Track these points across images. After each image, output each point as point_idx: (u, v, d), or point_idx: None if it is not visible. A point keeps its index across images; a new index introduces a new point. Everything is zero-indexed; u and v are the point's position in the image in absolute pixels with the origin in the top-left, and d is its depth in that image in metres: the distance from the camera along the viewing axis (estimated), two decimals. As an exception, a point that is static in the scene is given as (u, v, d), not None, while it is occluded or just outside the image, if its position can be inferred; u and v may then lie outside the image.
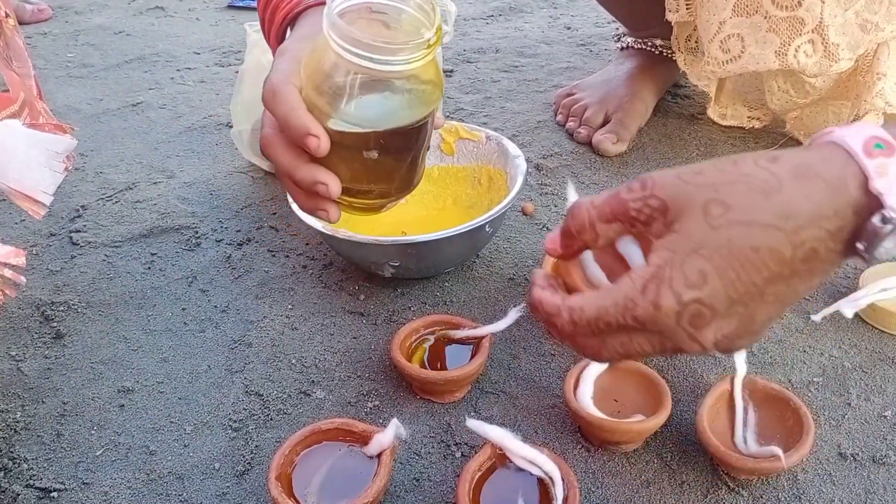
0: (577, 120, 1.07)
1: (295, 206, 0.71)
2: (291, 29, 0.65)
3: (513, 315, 0.66)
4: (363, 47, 0.49)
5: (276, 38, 0.66)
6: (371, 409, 0.65)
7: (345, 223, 0.71)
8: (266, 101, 0.54)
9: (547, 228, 0.87)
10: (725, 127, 1.05)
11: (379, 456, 0.55)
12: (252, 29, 0.91)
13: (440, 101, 0.58)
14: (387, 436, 0.55)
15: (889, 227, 0.37)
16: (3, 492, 0.58)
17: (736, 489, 0.56)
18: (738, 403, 0.59)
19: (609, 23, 1.48)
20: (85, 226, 0.91)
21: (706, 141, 1.03)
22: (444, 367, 0.65)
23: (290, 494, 0.53)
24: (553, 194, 0.94)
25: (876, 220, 0.38)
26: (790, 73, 0.89)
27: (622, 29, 1.18)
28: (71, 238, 0.89)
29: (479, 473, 0.54)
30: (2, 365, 0.71)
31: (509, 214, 0.90)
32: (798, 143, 0.99)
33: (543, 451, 0.55)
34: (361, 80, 0.52)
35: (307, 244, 0.86)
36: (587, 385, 0.61)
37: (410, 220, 0.86)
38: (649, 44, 1.11)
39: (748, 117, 1.04)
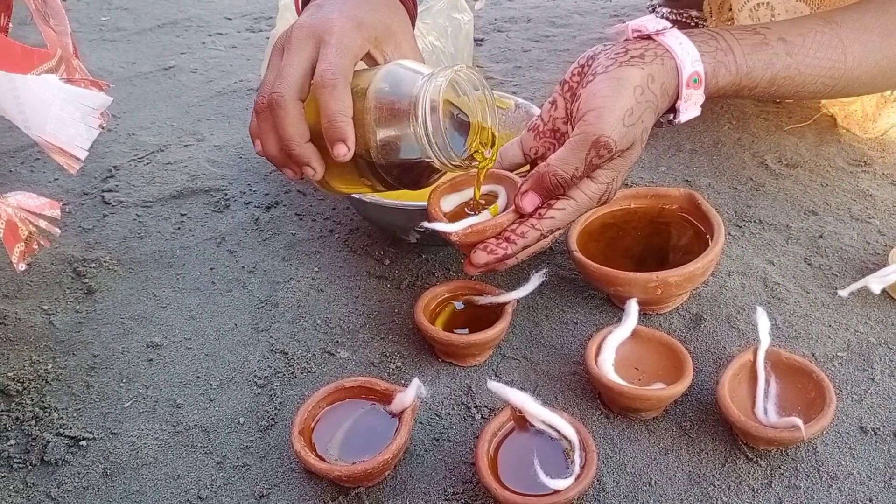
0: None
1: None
2: None
3: (535, 281, 0.66)
4: (439, 140, 0.55)
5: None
6: (393, 370, 0.66)
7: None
8: (322, 86, 0.55)
9: (573, 198, 0.87)
10: (757, 101, 1.04)
11: (400, 414, 0.56)
12: (283, -8, 0.91)
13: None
14: (408, 395, 0.56)
15: (668, 123, 0.63)
16: (35, 439, 0.60)
17: (754, 459, 0.56)
18: (761, 374, 0.59)
19: (647, 5, 1.45)
20: (117, 185, 0.93)
21: (738, 115, 1.01)
22: (468, 329, 0.65)
23: (312, 449, 0.54)
24: (580, 165, 0.94)
25: (665, 118, 0.63)
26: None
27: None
28: (103, 197, 0.91)
29: (499, 435, 0.55)
30: (34, 318, 0.73)
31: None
32: (832, 119, 0.97)
33: (563, 416, 0.55)
34: (415, 154, 0.57)
35: (334, 209, 0.87)
36: (609, 352, 0.61)
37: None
38: (684, 14, 1.09)
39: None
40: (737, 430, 0.57)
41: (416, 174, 0.59)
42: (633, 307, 0.64)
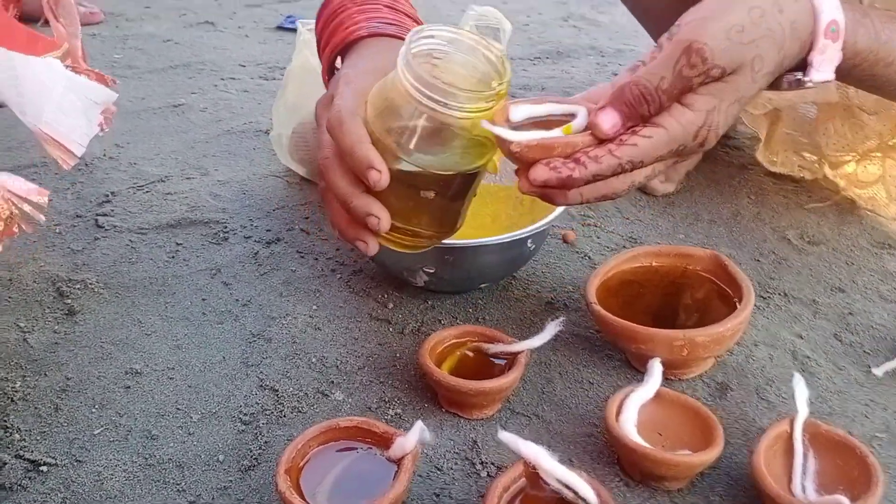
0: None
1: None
2: (342, 57, 0.65)
3: (551, 329, 0.61)
4: (435, 91, 0.50)
5: (328, 60, 0.66)
6: (392, 416, 0.60)
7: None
8: (331, 128, 0.55)
9: (588, 258, 0.83)
10: (776, 177, 1.02)
11: (399, 461, 0.50)
12: (305, 27, 0.90)
13: (496, 152, 0.58)
14: (410, 439, 0.50)
15: (796, 83, 0.55)
16: (-9, 459, 0.54)
17: (792, 541, 0.50)
18: (798, 448, 0.53)
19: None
20: (112, 210, 0.89)
21: (756, 189, 0.99)
22: (474, 379, 0.60)
23: (299, 492, 0.48)
24: (595, 226, 0.91)
25: (793, 77, 0.54)
26: (848, 113, 0.86)
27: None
28: (97, 221, 0.86)
29: (509, 491, 0.49)
30: (7, 335, 0.67)
31: (549, 240, 0.86)
32: (852, 201, 0.95)
33: (581, 475, 0.49)
34: (428, 123, 0.52)
35: (337, 249, 0.83)
36: (631, 412, 0.56)
37: (448, 235, 0.82)
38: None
39: (799, 166, 1.00)
40: (772, 507, 0.51)
41: (451, 146, 0.54)
42: (656, 367, 0.59)
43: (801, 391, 0.56)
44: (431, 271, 0.70)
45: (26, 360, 0.64)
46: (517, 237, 0.69)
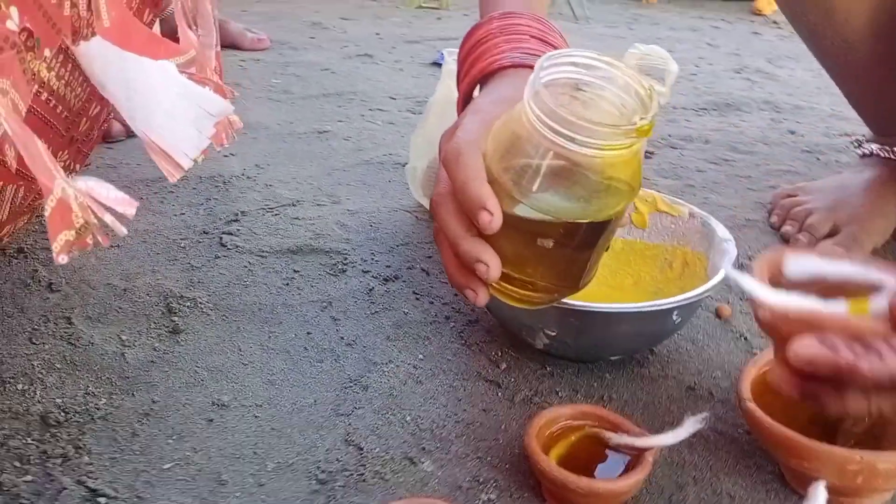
0: (797, 224, 0.91)
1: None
2: (482, 86, 0.60)
3: (690, 427, 0.50)
4: (563, 124, 0.44)
5: (466, 90, 0.62)
6: (484, 501, 0.51)
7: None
8: (447, 160, 0.50)
9: (745, 339, 0.71)
10: None
11: (482, 565, 0.42)
12: (451, 57, 0.85)
13: (632, 201, 0.51)
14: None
15: None
16: (52, 481, 0.50)
17: None
18: None
19: (841, 135, 1.30)
20: (239, 230, 0.87)
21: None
22: (587, 474, 0.50)
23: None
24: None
25: None
26: None
27: (867, 133, 1.01)
28: (221, 239, 0.85)
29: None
30: (107, 347, 0.65)
31: (700, 312, 0.74)
32: None
33: None
34: (553, 161, 0.45)
35: (456, 295, 0.76)
36: (781, 548, 0.44)
37: (577, 294, 0.73)
38: (901, 153, 0.93)
39: None
40: None
41: (578, 190, 0.47)
42: (820, 494, 0.47)
43: None
44: (553, 334, 0.61)
45: (118, 377, 0.62)
46: (660, 307, 0.59)
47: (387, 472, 0.53)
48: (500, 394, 0.62)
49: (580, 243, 0.50)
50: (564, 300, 0.57)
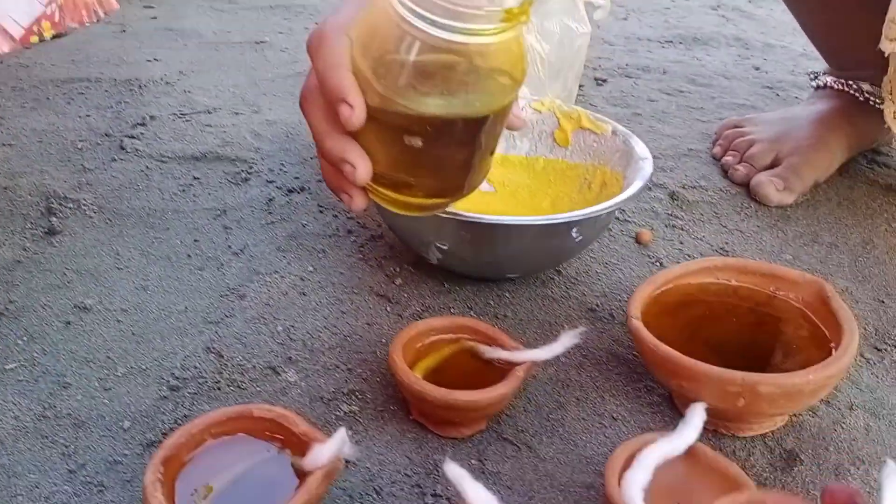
0: (737, 155, 0.86)
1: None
2: None
3: (565, 341, 0.47)
4: (424, 6, 0.39)
5: None
6: (345, 413, 0.48)
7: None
8: (310, 48, 0.46)
9: (660, 264, 0.67)
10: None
11: (307, 475, 0.38)
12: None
13: (513, 99, 0.46)
14: (326, 450, 0.38)
15: None
16: None
17: None
18: (875, 570, 0.37)
19: (807, 73, 1.25)
20: (143, 134, 0.82)
21: (902, 216, 0.79)
22: (455, 388, 0.47)
23: (170, 490, 0.37)
24: (682, 230, 0.74)
25: None
26: None
27: (825, 68, 0.95)
28: (121, 142, 0.80)
29: (437, 546, 0.36)
30: (-26, 244, 0.61)
31: (618, 236, 0.70)
32: None
33: (541, 545, 0.35)
34: (419, 49, 0.40)
35: (365, 210, 0.71)
36: (643, 469, 0.41)
37: (490, 212, 0.69)
38: (854, 86, 0.88)
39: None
40: None
41: (447, 82, 0.42)
42: (696, 414, 0.44)
43: (892, 487, 0.38)
44: (445, 247, 0.57)
45: (-23, 275, 0.57)
46: (556, 221, 0.55)
47: (245, 380, 0.50)
48: (389, 308, 0.59)
49: (454, 142, 0.45)
50: (453, 211, 0.53)
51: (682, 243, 0.72)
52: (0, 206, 0.67)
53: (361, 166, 0.45)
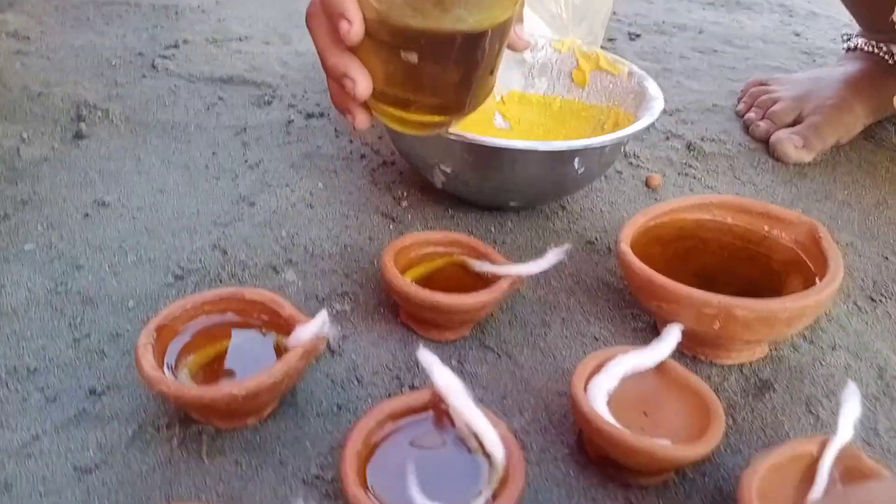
0: (760, 111, 0.86)
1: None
2: None
3: (552, 257, 0.48)
4: None
5: None
6: (337, 311, 0.50)
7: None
8: None
9: (664, 207, 0.68)
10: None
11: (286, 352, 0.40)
12: None
13: (511, 17, 0.46)
14: (308, 329, 0.40)
15: None
16: None
17: None
18: (821, 479, 0.38)
19: (841, 34, 1.22)
20: (175, 55, 0.84)
21: (923, 183, 0.77)
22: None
23: (160, 355, 0.40)
24: (695, 178, 0.74)
25: None
26: None
27: (855, 28, 0.94)
28: (153, 62, 0.82)
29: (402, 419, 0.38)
30: (6, 142, 0.64)
31: (628, 179, 0.71)
32: None
33: (500, 428, 0.37)
34: None
35: (380, 138, 0.73)
36: (610, 377, 0.43)
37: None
38: (884, 49, 0.87)
39: None
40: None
41: (439, 13, 0.43)
42: (672, 332, 0.45)
43: (850, 407, 0.39)
44: (448, 170, 0.58)
45: (7, 167, 0.61)
46: (557, 149, 0.56)
47: (245, 276, 0.52)
48: (392, 227, 0.60)
49: (451, 58, 0.46)
50: (456, 132, 0.54)
51: (691, 190, 0.72)
52: (33, 109, 0.70)
53: (361, 81, 0.46)
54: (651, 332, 0.53)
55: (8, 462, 0.39)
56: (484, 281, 0.50)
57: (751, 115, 0.87)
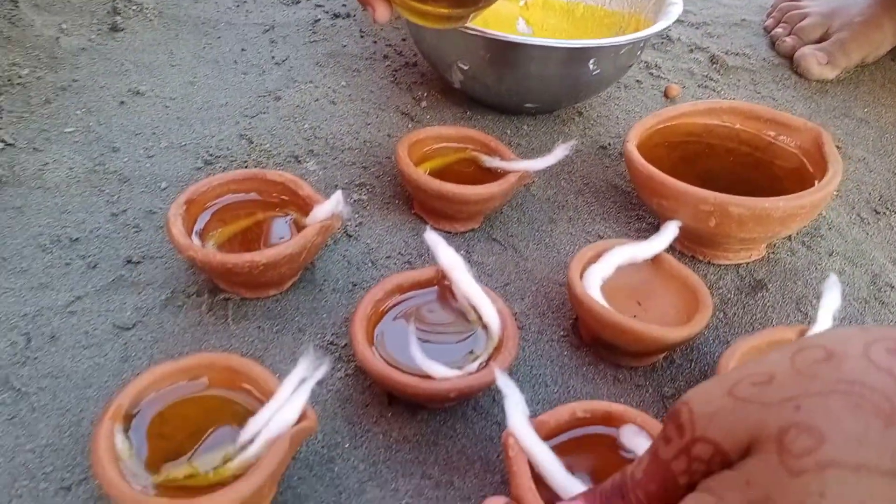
0: (788, 27, 0.85)
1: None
2: None
3: (559, 152, 0.50)
4: None
5: None
6: (355, 200, 0.53)
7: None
8: None
9: (680, 116, 0.69)
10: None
11: (303, 228, 0.44)
12: None
13: None
14: (325, 208, 0.43)
15: None
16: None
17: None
18: (795, 362, 0.41)
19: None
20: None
21: (947, 102, 0.77)
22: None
23: (189, 226, 0.44)
24: (714, 91, 0.75)
25: None
26: None
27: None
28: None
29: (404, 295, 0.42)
30: (46, 31, 0.67)
31: (647, 89, 0.72)
32: None
33: (497, 303, 0.41)
34: None
35: (403, 39, 0.75)
36: (606, 265, 0.45)
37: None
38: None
39: None
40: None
41: None
42: (670, 228, 0.47)
43: (830, 298, 0.42)
44: (466, 68, 0.60)
45: (47, 56, 0.64)
46: (574, 47, 0.57)
47: (269, 164, 0.55)
48: (410, 125, 0.63)
49: None
50: (474, 27, 0.56)
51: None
52: (72, 1, 0.72)
53: None
54: (654, 232, 0.55)
55: (53, 318, 0.43)
56: (495, 176, 0.52)
57: (778, 30, 0.86)
